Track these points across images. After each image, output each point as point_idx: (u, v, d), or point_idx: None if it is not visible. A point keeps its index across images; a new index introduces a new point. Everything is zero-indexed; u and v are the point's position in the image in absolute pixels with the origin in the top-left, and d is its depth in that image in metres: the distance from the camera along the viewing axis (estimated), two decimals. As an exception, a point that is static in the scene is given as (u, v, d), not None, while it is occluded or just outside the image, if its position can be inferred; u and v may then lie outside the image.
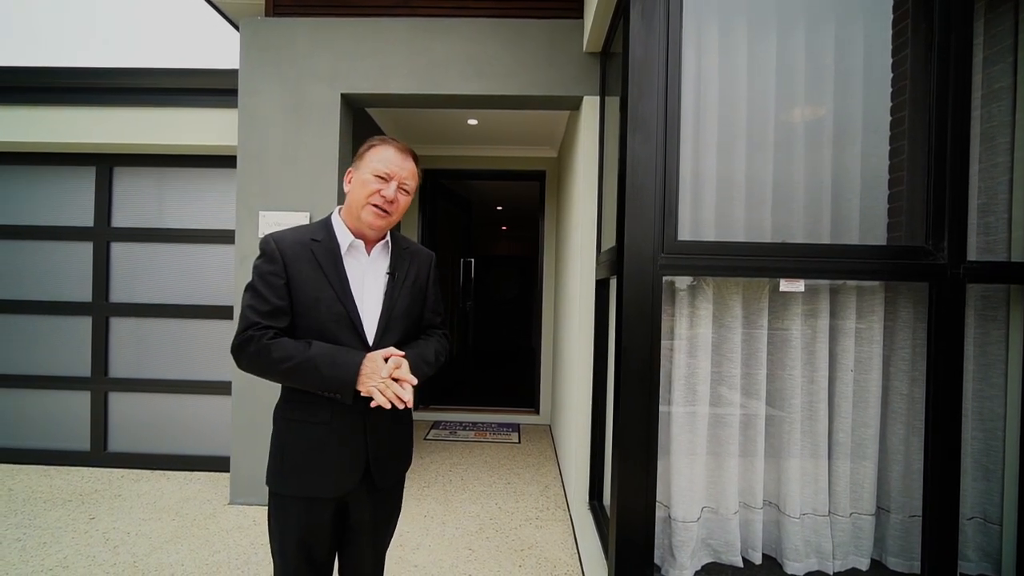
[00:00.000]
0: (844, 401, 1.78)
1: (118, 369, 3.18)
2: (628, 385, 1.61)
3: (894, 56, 1.78)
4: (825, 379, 1.78)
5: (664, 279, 1.65)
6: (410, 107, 3.02)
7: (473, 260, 5.93)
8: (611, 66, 2.44)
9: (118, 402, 3.17)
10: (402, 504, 1.36)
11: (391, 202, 1.18)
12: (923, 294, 1.70)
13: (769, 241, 1.77)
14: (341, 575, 1.31)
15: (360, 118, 3.23)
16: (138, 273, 3.18)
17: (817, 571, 1.76)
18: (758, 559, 1.79)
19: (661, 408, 1.69)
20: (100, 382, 3.16)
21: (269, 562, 1.95)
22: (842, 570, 1.77)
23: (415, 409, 1.22)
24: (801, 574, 1.74)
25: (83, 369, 3.17)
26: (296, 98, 2.67)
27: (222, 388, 3.07)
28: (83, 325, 3.18)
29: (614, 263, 1.86)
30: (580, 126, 2.73)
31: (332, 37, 2.67)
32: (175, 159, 3.14)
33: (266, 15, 2.76)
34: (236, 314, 2.54)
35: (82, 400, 3.18)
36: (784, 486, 1.79)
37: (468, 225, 6.00)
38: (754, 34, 1.77)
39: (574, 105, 2.80)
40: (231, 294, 2.96)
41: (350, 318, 1.17)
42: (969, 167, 1.63)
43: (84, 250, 3.18)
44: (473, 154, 4.44)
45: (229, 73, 2.85)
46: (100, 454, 3.15)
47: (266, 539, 1.93)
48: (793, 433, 1.78)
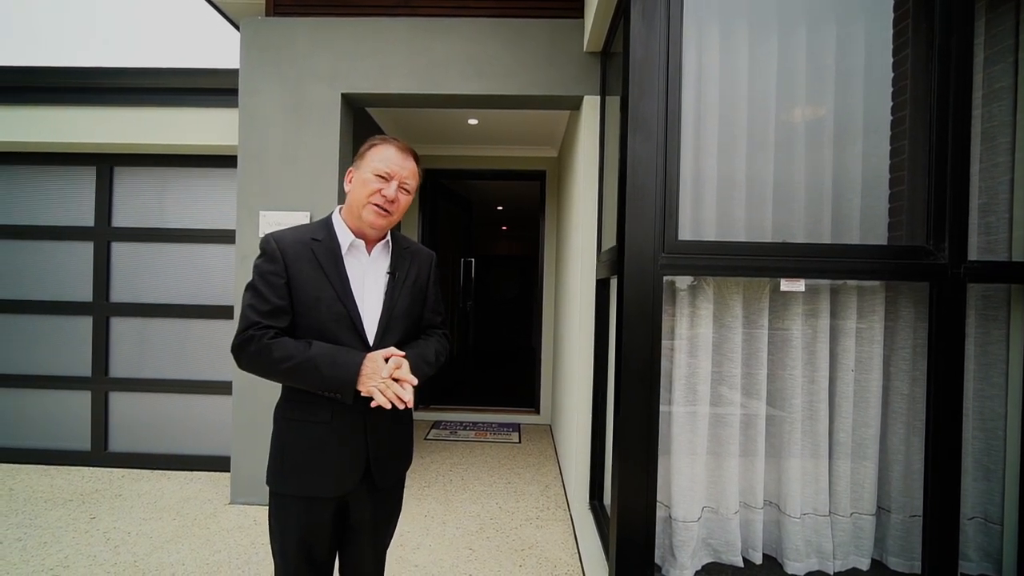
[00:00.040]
0: (845, 401, 1.78)
1: (119, 369, 3.18)
2: (629, 385, 1.61)
3: (895, 56, 1.78)
4: (826, 379, 1.78)
5: (665, 279, 1.65)
6: (410, 107, 3.02)
7: (473, 260, 5.93)
8: (612, 66, 2.44)
9: (119, 402, 3.18)
10: (403, 504, 1.36)
11: (392, 201, 1.18)
12: (924, 294, 1.70)
13: (770, 241, 1.77)
14: (342, 575, 1.31)
15: (360, 118, 3.23)
16: (139, 273, 3.18)
17: (818, 571, 1.76)
18: (759, 559, 1.79)
19: (662, 408, 1.69)
20: (101, 382, 3.16)
21: (270, 562, 1.95)
22: (843, 570, 1.77)
23: (415, 409, 1.22)
24: (802, 574, 1.74)
25: (84, 369, 3.18)
26: (296, 98, 2.67)
27: (223, 388, 3.07)
28: (84, 325, 3.18)
29: (614, 263, 1.86)
30: (580, 126, 2.73)
31: (332, 37, 2.68)
32: (175, 159, 3.14)
33: (266, 15, 2.76)
34: (236, 314, 2.54)
35: (83, 400, 3.18)
36: (785, 486, 1.79)
37: (468, 225, 6.00)
38: (755, 34, 1.77)
39: (574, 105, 2.80)
40: (232, 294, 2.96)
41: (350, 318, 1.17)
42: (970, 167, 1.63)
43: (85, 250, 3.19)
44: (473, 154, 4.44)
45: (229, 73, 2.85)
46: (101, 454, 3.15)
47: (267, 539, 1.93)
48: (794, 433, 1.78)
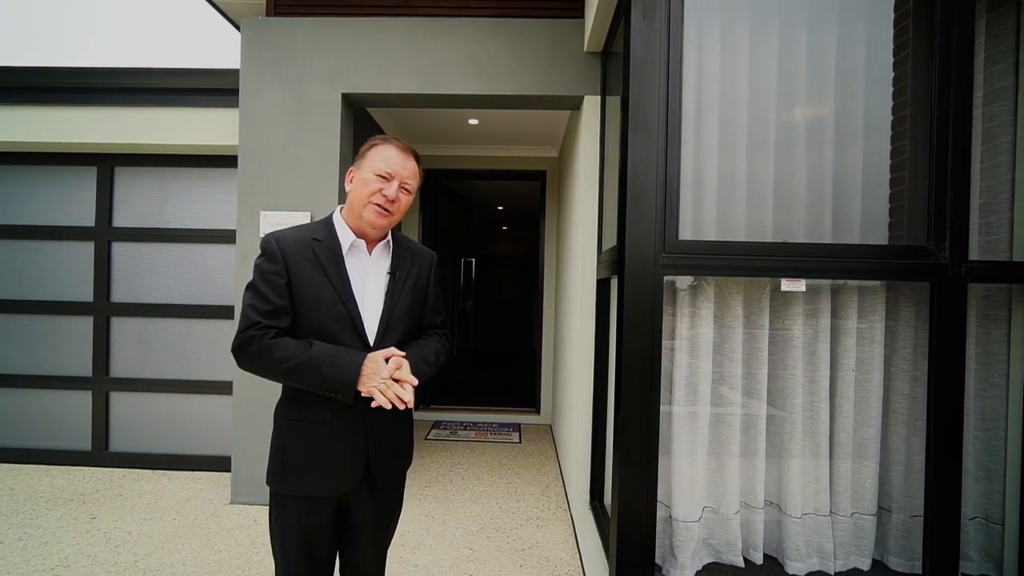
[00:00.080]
0: (845, 401, 1.78)
1: (119, 369, 3.18)
2: (629, 385, 1.61)
3: (895, 55, 1.78)
4: (826, 379, 1.78)
5: (665, 279, 1.65)
6: (411, 107, 3.02)
7: (474, 260, 5.93)
8: (612, 66, 2.44)
9: (119, 402, 3.18)
10: (403, 504, 1.36)
11: (393, 201, 1.18)
12: (924, 294, 1.70)
13: (770, 241, 1.77)
14: (342, 574, 1.31)
15: (361, 118, 3.23)
16: (139, 273, 3.18)
17: (818, 571, 1.76)
18: (759, 559, 1.79)
19: (662, 408, 1.68)
20: (101, 382, 3.16)
21: (270, 561, 1.95)
22: (843, 570, 1.77)
23: (415, 409, 1.22)
24: (802, 574, 1.74)
25: (84, 369, 3.18)
26: (297, 98, 2.67)
27: (223, 388, 3.08)
28: (84, 325, 3.18)
29: (615, 263, 1.86)
30: (581, 126, 2.73)
31: (333, 37, 2.68)
32: (176, 159, 3.14)
33: (267, 15, 2.76)
34: (237, 314, 2.54)
35: (83, 400, 3.18)
36: (785, 486, 1.79)
37: (469, 225, 6.00)
38: (755, 33, 1.77)
39: (575, 105, 2.80)
40: (232, 294, 2.96)
41: (351, 318, 1.16)
42: (970, 166, 1.63)
43: (85, 250, 3.19)
44: (474, 154, 4.44)
45: (230, 73, 2.85)
46: (101, 454, 3.15)
47: (267, 538, 1.93)
48: (794, 433, 1.78)
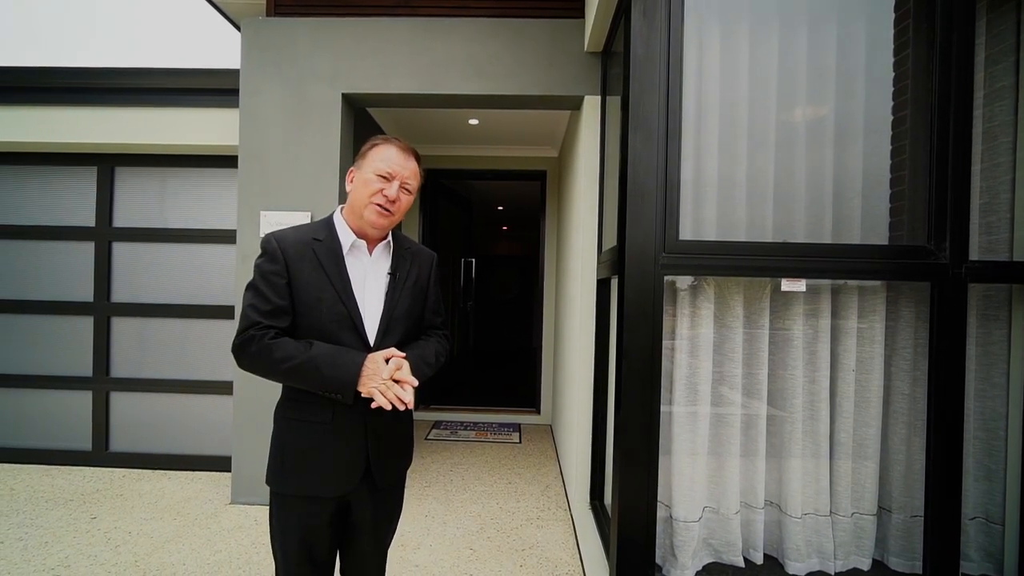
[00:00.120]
0: (845, 401, 1.78)
1: (119, 369, 3.18)
2: (629, 385, 1.61)
3: (896, 55, 1.78)
4: (826, 379, 1.78)
5: (665, 279, 1.65)
6: (411, 107, 3.02)
7: (474, 260, 5.93)
8: (612, 66, 2.44)
9: (119, 402, 3.18)
10: (403, 504, 1.36)
11: (393, 201, 1.18)
12: (925, 294, 1.70)
13: (770, 241, 1.77)
14: (343, 575, 1.31)
15: (361, 118, 3.23)
16: (139, 273, 3.18)
17: (819, 571, 1.76)
18: (759, 559, 1.79)
19: (662, 408, 1.68)
20: (102, 382, 3.16)
21: (270, 561, 1.95)
22: (843, 570, 1.77)
23: (415, 409, 1.21)
24: (803, 574, 1.74)
25: (85, 369, 3.18)
26: (297, 98, 2.67)
27: (223, 388, 3.07)
28: (85, 325, 3.18)
29: (615, 263, 1.86)
30: (581, 126, 2.73)
31: (333, 37, 2.68)
32: (176, 159, 3.14)
33: (267, 15, 2.76)
34: (237, 314, 2.54)
35: (84, 400, 3.18)
36: (785, 486, 1.79)
37: (469, 225, 6.00)
38: (755, 33, 1.77)
39: (575, 105, 2.79)
40: (232, 294, 2.96)
41: (351, 318, 1.16)
42: (971, 166, 1.63)
43: (86, 250, 3.19)
44: (474, 154, 4.44)
45: (230, 73, 2.85)
46: (102, 454, 3.15)
47: (267, 538, 1.93)
48: (794, 433, 1.78)
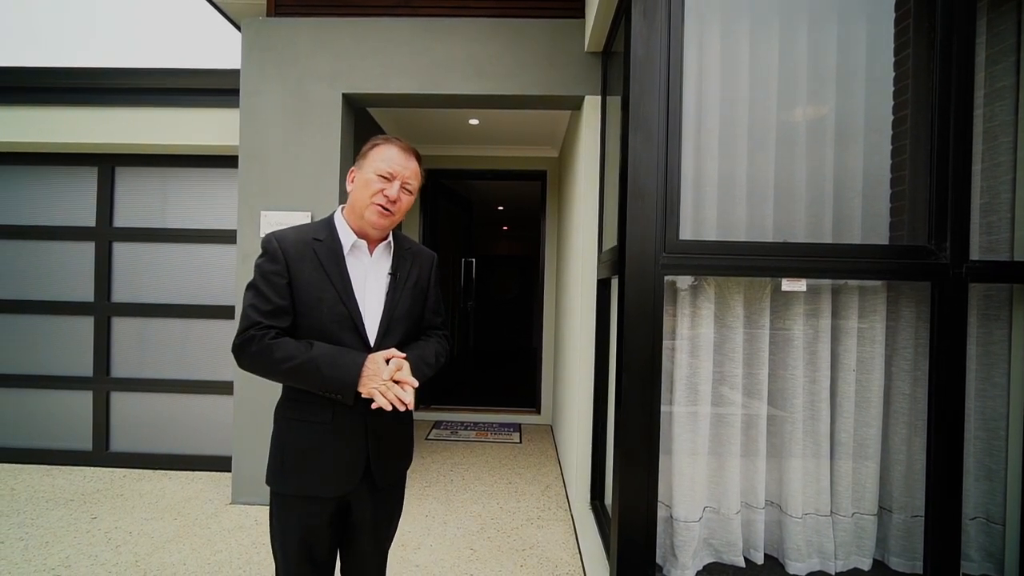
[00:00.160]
0: (846, 401, 1.78)
1: (120, 369, 3.18)
2: (630, 385, 1.61)
3: (896, 55, 1.78)
4: (827, 379, 1.78)
5: (666, 279, 1.65)
6: (411, 107, 3.02)
7: (474, 260, 5.93)
8: (612, 66, 2.44)
9: (120, 402, 3.18)
10: (404, 504, 1.36)
11: (394, 201, 1.18)
12: (925, 294, 1.70)
13: (771, 241, 1.77)
14: (343, 574, 1.31)
15: (361, 118, 3.23)
16: (140, 273, 3.18)
17: (819, 571, 1.76)
18: (760, 559, 1.78)
19: (663, 408, 1.68)
20: (102, 382, 3.17)
21: (271, 562, 1.95)
22: (844, 570, 1.77)
23: (416, 409, 1.22)
24: (803, 574, 1.74)
25: (85, 369, 3.18)
26: (297, 98, 2.67)
27: (224, 388, 3.08)
28: (85, 325, 3.18)
29: (615, 263, 1.86)
30: (581, 126, 2.73)
31: (333, 37, 2.68)
32: (177, 159, 3.14)
33: (267, 15, 2.76)
34: (238, 314, 2.54)
35: (84, 400, 3.18)
36: (786, 486, 1.79)
37: (469, 225, 6.00)
38: (756, 33, 1.77)
39: (575, 105, 2.79)
40: (233, 294, 2.96)
41: (352, 319, 1.16)
42: (971, 166, 1.63)
43: (86, 250, 3.19)
44: (474, 154, 4.44)
45: (230, 73, 2.85)
46: (102, 454, 3.15)
47: (268, 538, 1.94)
48: (795, 433, 1.78)
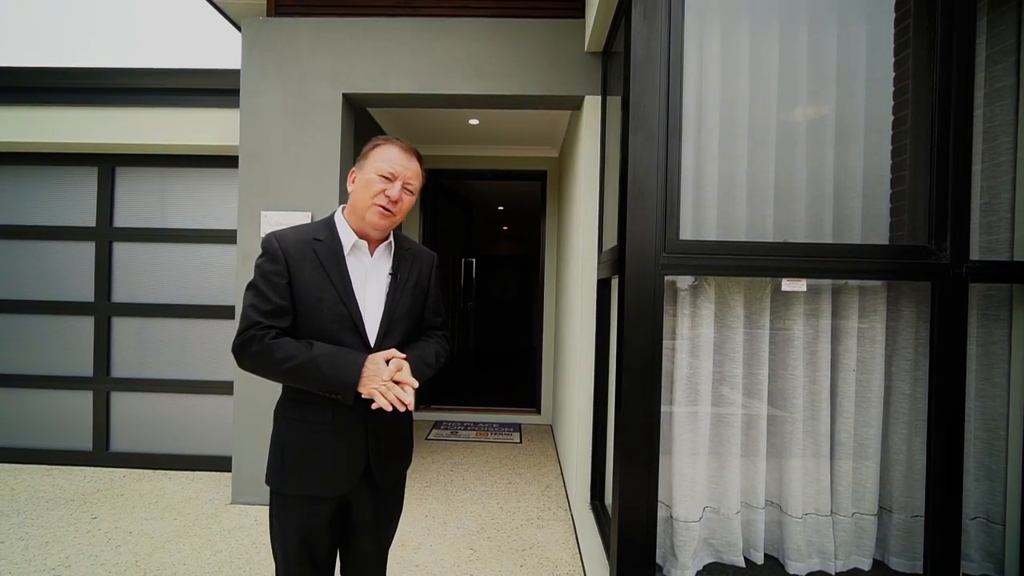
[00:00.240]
0: (846, 401, 1.78)
1: (120, 369, 3.18)
2: (630, 385, 1.61)
3: (896, 55, 1.78)
4: (827, 379, 1.78)
5: (666, 279, 1.65)
6: (411, 107, 3.02)
7: (474, 260, 5.93)
8: (613, 66, 2.44)
9: (120, 402, 3.18)
10: (404, 504, 1.36)
11: (396, 202, 1.18)
12: (925, 294, 1.70)
13: (771, 240, 1.77)
14: (343, 574, 1.31)
15: (361, 118, 3.23)
16: (140, 273, 3.18)
17: (819, 571, 1.76)
18: (760, 559, 1.78)
19: (663, 408, 1.68)
20: (102, 382, 3.17)
21: (271, 561, 1.95)
22: (844, 570, 1.77)
23: (416, 409, 1.22)
24: (803, 574, 1.74)
25: (85, 369, 3.18)
26: (298, 98, 2.67)
27: (224, 388, 3.08)
28: (85, 325, 3.18)
29: (615, 263, 1.86)
30: (581, 126, 2.73)
31: (334, 37, 2.68)
32: (177, 159, 3.14)
33: (268, 15, 2.76)
34: (238, 314, 2.54)
35: (84, 400, 3.18)
36: (786, 486, 1.79)
37: (469, 225, 6.00)
38: (756, 33, 1.77)
39: (575, 105, 2.79)
40: (233, 294, 2.96)
41: (352, 319, 1.16)
42: (971, 166, 1.63)
43: (86, 250, 3.19)
44: (474, 154, 4.44)
45: (230, 73, 2.85)
46: (102, 454, 3.15)
47: (268, 538, 1.94)
48: (795, 433, 1.78)
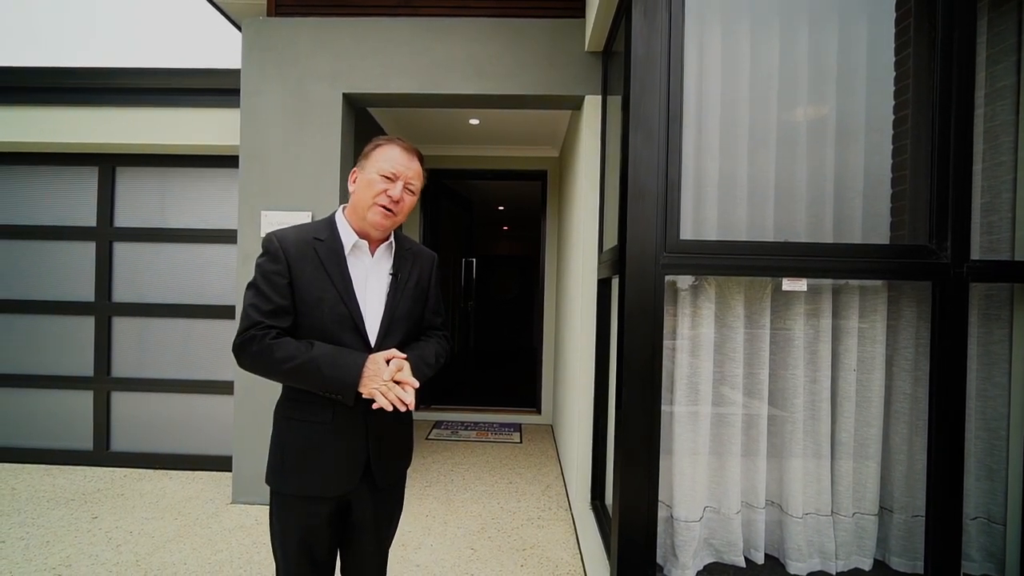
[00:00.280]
0: (847, 401, 1.77)
1: (121, 369, 3.19)
2: (630, 385, 1.61)
3: (897, 54, 1.78)
4: (828, 379, 1.78)
5: (666, 278, 1.65)
6: (412, 107, 3.02)
7: (475, 260, 5.93)
8: (613, 65, 2.44)
9: (121, 402, 3.18)
10: (404, 503, 1.36)
11: (397, 202, 1.18)
12: (926, 293, 1.70)
13: (771, 240, 1.76)
14: (343, 574, 1.31)
15: (362, 118, 3.23)
16: (140, 273, 3.18)
17: (820, 571, 1.76)
18: (760, 559, 1.78)
19: (663, 408, 1.68)
20: (103, 382, 3.17)
21: (271, 561, 1.95)
22: (845, 570, 1.77)
23: (416, 409, 1.22)
24: (804, 574, 1.74)
25: (86, 369, 3.18)
26: (298, 98, 2.67)
27: (224, 388, 3.08)
28: (86, 325, 3.18)
29: (616, 262, 1.86)
30: (582, 126, 2.73)
31: (334, 37, 2.68)
32: (177, 159, 3.14)
33: (268, 15, 2.76)
34: (238, 314, 2.54)
35: (85, 400, 3.18)
36: (786, 486, 1.79)
37: (470, 225, 6.00)
38: (756, 33, 1.77)
39: (576, 105, 2.79)
40: (233, 294, 2.96)
41: (353, 319, 1.16)
42: (972, 166, 1.63)
43: (87, 250, 3.19)
44: (475, 154, 4.44)
45: (231, 73, 2.85)
46: (103, 453, 3.16)
47: (268, 538, 1.94)
48: (795, 433, 1.78)
